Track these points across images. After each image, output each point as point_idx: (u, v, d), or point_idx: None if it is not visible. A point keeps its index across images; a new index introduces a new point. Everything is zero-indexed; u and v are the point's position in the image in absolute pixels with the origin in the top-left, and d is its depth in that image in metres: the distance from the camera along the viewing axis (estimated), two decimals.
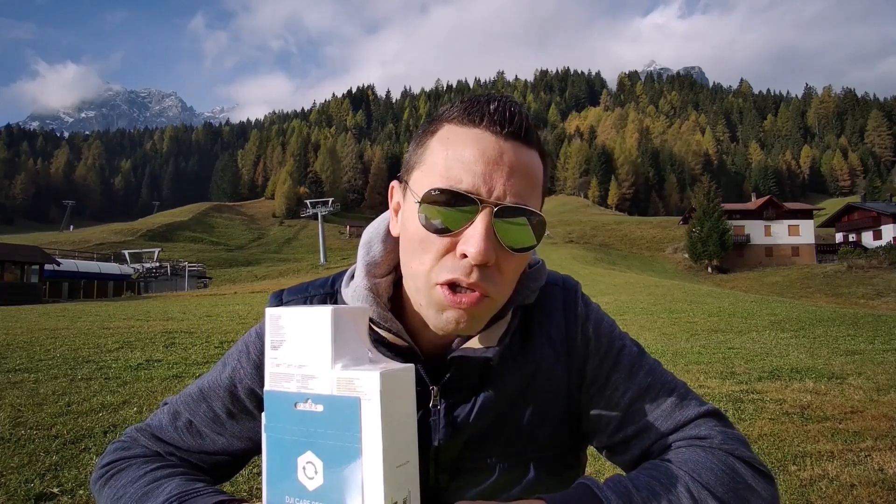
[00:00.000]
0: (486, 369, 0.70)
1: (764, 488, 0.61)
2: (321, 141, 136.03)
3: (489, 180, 0.59)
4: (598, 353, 0.73)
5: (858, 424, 3.89)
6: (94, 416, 4.01)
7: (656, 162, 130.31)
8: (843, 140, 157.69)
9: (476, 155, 0.59)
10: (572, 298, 0.76)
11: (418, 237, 0.61)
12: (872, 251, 43.29)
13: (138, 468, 0.69)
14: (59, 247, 50.44)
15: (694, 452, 0.63)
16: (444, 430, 0.69)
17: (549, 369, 0.72)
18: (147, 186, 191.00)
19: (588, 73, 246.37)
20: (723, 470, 0.60)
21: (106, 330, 9.11)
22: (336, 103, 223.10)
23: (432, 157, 0.62)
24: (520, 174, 0.60)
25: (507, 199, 0.59)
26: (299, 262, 63.34)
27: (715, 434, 0.65)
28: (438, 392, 0.69)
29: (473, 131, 0.61)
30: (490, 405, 0.70)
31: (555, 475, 0.72)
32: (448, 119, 0.64)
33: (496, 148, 0.60)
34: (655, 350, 7.54)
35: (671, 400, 0.70)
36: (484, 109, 0.62)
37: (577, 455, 0.78)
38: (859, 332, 9.44)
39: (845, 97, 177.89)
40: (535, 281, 0.73)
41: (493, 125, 0.61)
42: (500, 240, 0.59)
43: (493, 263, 0.60)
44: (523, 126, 0.61)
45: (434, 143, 0.63)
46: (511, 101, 0.63)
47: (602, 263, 43.24)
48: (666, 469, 0.62)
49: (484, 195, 0.58)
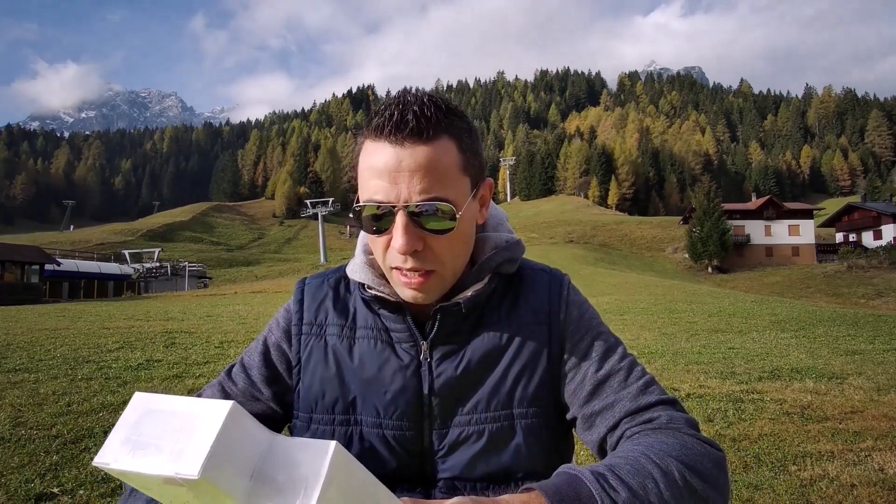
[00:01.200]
0: (474, 328, 0.80)
1: (711, 453, 0.67)
2: (321, 141, 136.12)
3: (395, 187, 0.69)
4: (579, 332, 0.81)
5: (859, 424, 3.89)
6: (94, 416, 4.01)
7: (656, 162, 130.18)
8: (844, 140, 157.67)
9: (381, 167, 0.69)
10: (558, 283, 0.85)
11: (368, 237, 0.77)
12: (872, 251, 43.30)
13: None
14: (59, 247, 50.44)
15: (645, 435, 0.70)
16: (433, 381, 0.78)
17: (532, 331, 0.80)
18: (147, 186, 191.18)
19: (588, 73, 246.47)
20: (673, 441, 0.67)
21: (106, 330, 9.11)
22: (336, 103, 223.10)
23: (360, 172, 0.73)
24: (422, 172, 0.68)
25: (413, 199, 0.68)
26: (299, 261, 63.32)
27: (664, 416, 0.73)
28: (428, 346, 0.79)
29: (377, 144, 0.70)
30: (476, 358, 0.78)
31: (542, 446, 0.78)
32: (365, 134, 0.73)
33: (394, 156, 0.68)
34: (655, 350, 7.54)
35: (637, 385, 0.76)
36: (382, 120, 0.70)
37: (563, 433, 0.83)
38: (859, 332, 9.44)
39: (845, 97, 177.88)
40: (509, 251, 0.83)
41: (391, 135, 0.69)
42: (424, 228, 0.70)
43: (422, 248, 0.71)
44: (417, 125, 0.68)
45: (360, 159, 0.74)
46: (408, 101, 0.70)
47: (602, 263, 43.22)
48: (625, 448, 0.68)
49: (394, 200, 0.69)
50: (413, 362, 0.79)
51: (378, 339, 0.81)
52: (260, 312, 13.60)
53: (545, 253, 42.80)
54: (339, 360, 0.82)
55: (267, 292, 25.66)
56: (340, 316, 0.85)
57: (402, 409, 0.77)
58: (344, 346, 0.82)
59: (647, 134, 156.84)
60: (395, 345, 0.81)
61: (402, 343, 0.80)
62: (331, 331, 0.84)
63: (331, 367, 0.81)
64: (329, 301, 0.87)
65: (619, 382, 0.77)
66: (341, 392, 0.80)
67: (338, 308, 0.86)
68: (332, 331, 0.84)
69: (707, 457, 0.66)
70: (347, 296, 0.87)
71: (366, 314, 0.84)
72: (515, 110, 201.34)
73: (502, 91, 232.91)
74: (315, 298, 0.88)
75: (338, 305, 0.86)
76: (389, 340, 0.81)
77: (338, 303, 0.86)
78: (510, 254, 0.83)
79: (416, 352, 0.79)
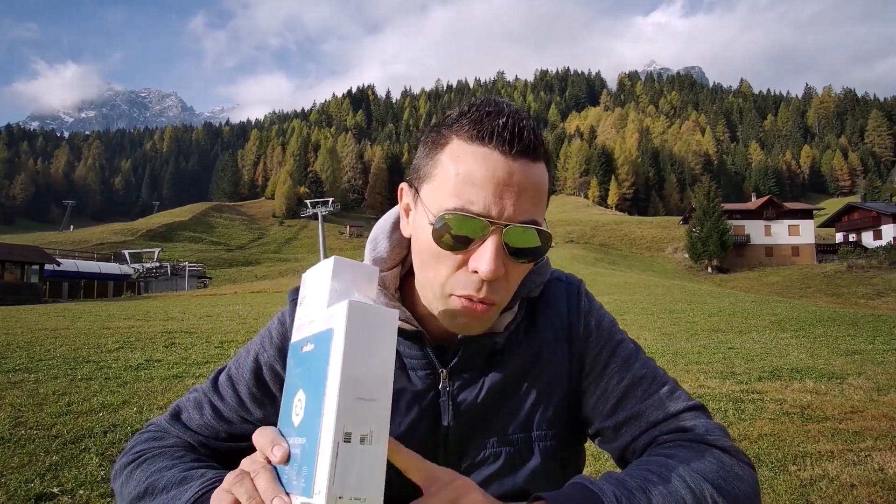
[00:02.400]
0: (492, 354, 0.74)
1: (749, 475, 0.64)
2: (321, 141, 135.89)
3: (500, 202, 0.60)
4: (598, 343, 0.77)
5: (858, 424, 3.89)
6: (94, 416, 4.01)
7: (656, 162, 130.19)
8: (843, 140, 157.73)
9: (486, 176, 0.61)
10: (575, 293, 0.81)
11: (432, 251, 0.64)
12: (872, 251, 43.24)
13: (173, 455, 0.70)
14: (59, 247, 50.46)
15: (679, 447, 0.66)
16: (453, 411, 0.73)
17: (552, 352, 0.76)
18: (147, 186, 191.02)
19: (588, 73, 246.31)
20: (710, 460, 0.63)
21: (106, 330, 9.12)
22: (336, 103, 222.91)
23: (443, 173, 0.64)
24: (529, 193, 0.62)
25: (516, 219, 0.61)
26: (299, 262, 63.32)
27: (699, 425, 0.69)
28: (447, 374, 0.73)
29: (483, 150, 0.62)
30: (496, 386, 0.74)
31: (558, 465, 0.75)
32: (457, 132, 0.64)
33: (506, 169, 0.61)
34: (655, 350, 7.55)
35: (663, 392, 0.73)
36: (493, 126, 0.62)
37: (578, 448, 0.81)
38: (859, 332, 9.44)
39: (845, 97, 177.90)
40: (539, 276, 0.78)
41: (502, 144, 0.61)
42: (508, 254, 0.63)
43: (501, 276, 0.64)
44: (532, 142, 0.62)
45: (444, 158, 0.64)
46: (520, 116, 0.64)
47: (602, 263, 43.20)
48: (657, 461, 0.64)
49: (494, 216, 0.60)
50: (431, 391, 0.74)
51: None
52: (260, 312, 13.61)
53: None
54: None
55: (267, 292, 25.67)
56: None
57: (418, 440, 0.71)
58: None
59: (647, 134, 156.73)
60: (409, 371, 0.74)
61: (418, 370, 0.74)
62: None
63: None
64: None
65: (643, 391, 0.74)
66: None
67: None
68: None
69: (743, 480, 0.62)
70: None
71: None
72: None
73: (502, 91, 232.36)
74: None
75: None
76: (402, 367, 0.75)
77: None
78: (541, 278, 0.78)
79: (433, 380, 0.74)
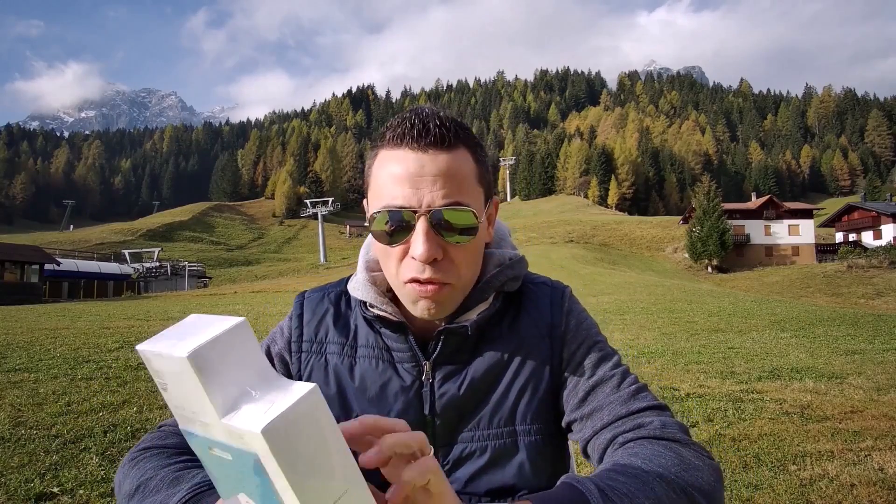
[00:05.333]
0: (476, 347, 0.80)
1: (708, 465, 0.66)
2: (321, 141, 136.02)
3: (418, 191, 0.69)
4: (577, 340, 0.81)
5: (858, 424, 3.89)
6: (94, 416, 4.01)
7: (656, 162, 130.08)
8: (843, 140, 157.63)
9: (402, 172, 0.70)
10: (560, 296, 0.85)
11: (379, 249, 0.75)
12: (872, 251, 43.17)
13: (170, 455, 0.72)
14: (59, 247, 50.48)
15: (641, 445, 0.68)
16: (436, 402, 0.78)
17: (535, 347, 0.80)
18: (147, 186, 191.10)
19: (588, 72, 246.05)
20: (675, 458, 0.65)
21: (106, 330, 9.12)
22: (336, 103, 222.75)
23: (375, 181, 0.74)
24: (445, 177, 0.70)
25: (436, 203, 0.69)
26: (299, 261, 63.36)
27: (658, 422, 0.71)
28: (431, 366, 0.79)
29: (398, 152, 0.71)
30: (479, 378, 0.78)
31: (545, 461, 0.78)
32: (382, 144, 0.74)
33: (417, 161, 0.70)
34: (655, 350, 7.54)
35: (628, 391, 0.76)
36: (404, 129, 0.71)
37: (563, 445, 0.83)
38: (859, 331, 9.43)
39: (845, 97, 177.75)
40: (513, 269, 0.83)
41: (412, 141, 0.70)
42: (443, 236, 0.70)
43: (441, 257, 0.71)
44: (439, 133, 0.70)
45: (375, 168, 0.74)
46: (427, 114, 0.72)
47: (602, 263, 43.17)
48: (630, 464, 0.65)
49: (415, 205, 0.69)
50: (415, 383, 0.79)
51: (379, 358, 0.81)
52: (260, 312, 13.59)
53: (545, 253, 42.72)
54: (340, 380, 0.81)
55: (267, 292, 25.68)
56: (341, 334, 0.84)
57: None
58: (345, 365, 0.81)
59: (647, 134, 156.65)
60: (397, 364, 0.80)
61: (405, 363, 0.80)
62: (331, 349, 0.83)
63: (332, 387, 0.80)
64: (329, 317, 0.85)
65: (611, 388, 0.77)
66: (342, 412, 0.78)
67: (338, 325, 0.84)
68: (332, 349, 0.83)
69: (706, 470, 0.65)
70: (349, 312, 0.86)
71: (367, 333, 0.82)
72: (515, 110, 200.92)
73: (502, 91, 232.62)
74: (315, 314, 0.86)
75: (338, 322, 0.85)
76: (391, 360, 0.80)
77: (339, 319, 0.85)
78: (514, 272, 0.83)
79: (419, 372, 0.79)
